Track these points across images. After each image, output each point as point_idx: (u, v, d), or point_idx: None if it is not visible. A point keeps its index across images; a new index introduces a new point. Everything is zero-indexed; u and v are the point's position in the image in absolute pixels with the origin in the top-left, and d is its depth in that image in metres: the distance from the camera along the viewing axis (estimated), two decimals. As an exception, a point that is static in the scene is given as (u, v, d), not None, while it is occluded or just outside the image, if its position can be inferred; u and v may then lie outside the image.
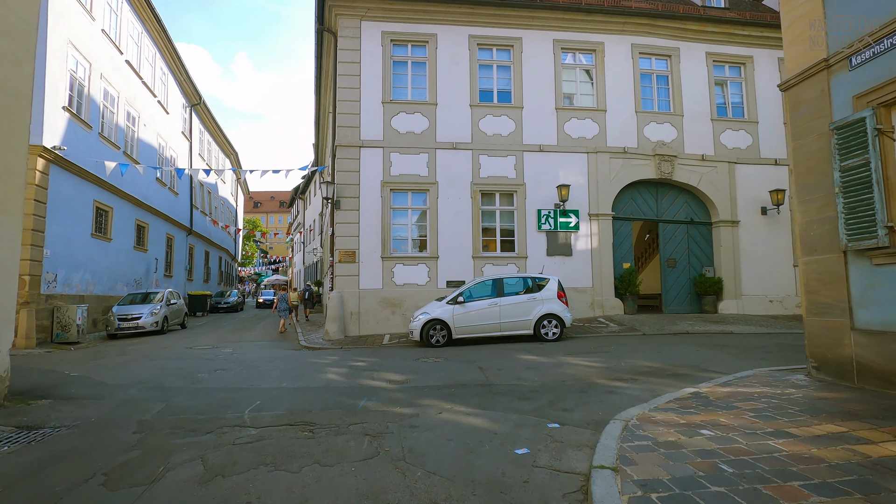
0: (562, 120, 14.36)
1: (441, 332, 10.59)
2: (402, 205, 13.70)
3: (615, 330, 11.92)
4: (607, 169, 14.30)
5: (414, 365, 8.10)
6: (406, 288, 13.25)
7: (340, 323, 12.69)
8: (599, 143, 14.39)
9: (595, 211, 14.14)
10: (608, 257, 14.06)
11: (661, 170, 14.42)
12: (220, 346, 12.03)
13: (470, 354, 9.16)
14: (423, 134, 13.76)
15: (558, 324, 10.73)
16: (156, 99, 20.78)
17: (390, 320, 13.09)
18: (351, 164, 13.44)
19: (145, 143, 19.49)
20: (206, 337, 14.29)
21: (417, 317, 10.78)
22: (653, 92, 15.04)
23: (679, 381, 6.18)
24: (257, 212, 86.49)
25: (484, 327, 10.68)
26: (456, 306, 10.65)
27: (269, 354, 10.36)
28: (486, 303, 10.73)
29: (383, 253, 13.24)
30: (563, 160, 14.21)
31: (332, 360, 9.06)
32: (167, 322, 15.51)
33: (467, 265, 13.56)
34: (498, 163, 13.96)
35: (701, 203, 15.10)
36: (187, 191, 25.48)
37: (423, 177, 13.63)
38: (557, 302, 10.85)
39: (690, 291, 14.68)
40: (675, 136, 14.79)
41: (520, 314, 10.72)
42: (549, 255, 13.88)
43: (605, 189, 14.22)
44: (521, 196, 13.93)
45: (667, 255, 14.73)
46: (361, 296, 13.05)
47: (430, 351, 9.87)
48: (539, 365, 7.68)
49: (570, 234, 14.05)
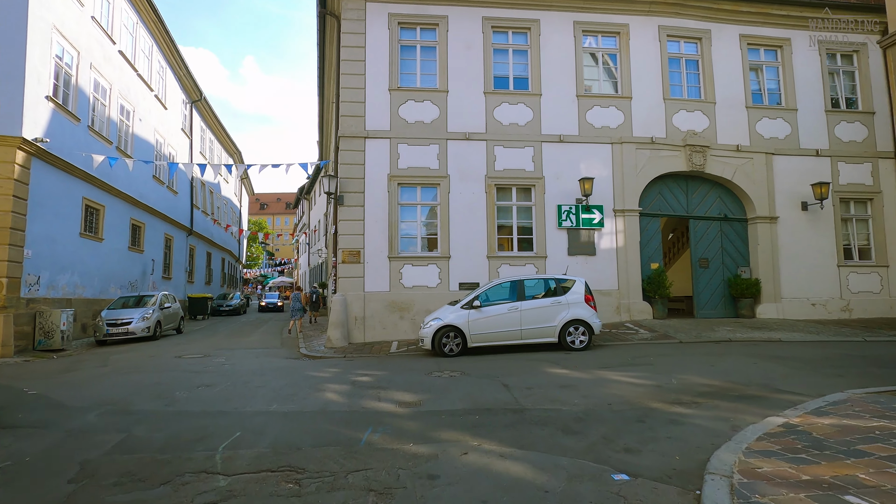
0: (583, 108, 13.22)
1: (455, 340, 9.49)
2: (411, 200, 12.62)
3: (647, 337, 10.76)
4: (633, 161, 13.13)
5: (426, 381, 7.00)
6: (415, 290, 12.17)
7: (344, 329, 11.62)
8: (624, 133, 13.23)
9: (620, 206, 12.98)
10: (635, 257, 12.89)
11: (692, 161, 13.24)
12: (213, 354, 11.00)
13: (490, 367, 8.05)
14: (433, 124, 12.68)
15: (586, 331, 9.59)
16: (153, 93, 19.87)
17: (398, 326, 12.01)
18: (355, 156, 12.39)
19: (141, 138, 18.56)
20: (201, 343, 13.28)
21: (428, 323, 9.69)
22: (682, 78, 13.86)
23: (754, 406, 5.04)
24: (263, 213, 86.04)
25: (503, 335, 9.56)
26: (471, 311, 9.54)
27: (263, 365, 9.31)
28: (506, 307, 9.62)
29: (390, 252, 12.17)
30: (585, 151, 13.07)
31: (333, 374, 7.98)
32: (160, 327, 14.53)
33: (482, 266, 12.45)
34: (514, 155, 12.84)
35: (735, 198, 13.89)
36: (187, 190, 24.57)
37: (433, 170, 12.55)
38: (585, 306, 9.71)
39: (725, 294, 13.47)
40: (707, 126, 13.59)
41: (543, 320, 9.60)
42: (571, 255, 12.74)
43: (630, 183, 13.06)
44: (540, 190, 12.81)
45: (698, 255, 13.53)
46: (367, 299, 11.98)
47: (444, 362, 8.77)
48: (574, 382, 6.56)
49: (594, 231, 12.90)
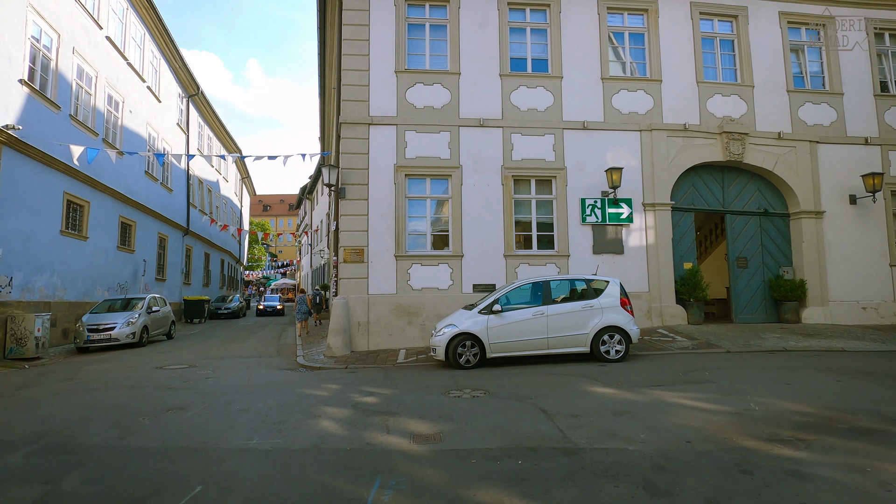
0: (609, 92, 12.01)
1: (472, 349, 8.28)
2: (420, 193, 11.45)
3: (687, 346, 9.52)
4: (664, 150, 11.91)
5: (445, 403, 5.80)
6: (425, 293, 10.98)
7: (345, 336, 10.44)
8: (654, 120, 12.01)
9: (650, 200, 11.75)
10: (667, 255, 11.65)
11: (729, 150, 12.00)
12: (200, 364, 9.84)
13: (517, 383, 6.84)
14: (443, 109, 11.51)
15: (622, 339, 8.36)
16: (145, 84, 18.79)
17: (406, 332, 10.82)
18: (358, 144, 11.22)
19: (132, 131, 17.48)
20: (189, 351, 12.12)
21: (442, 330, 8.49)
22: (716, 59, 12.63)
23: (886, 447, 3.82)
24: (266, 215, 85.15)
25: (527, 344, 8.35)
26: (491, 317, 8.33)
27: (253, 379, 8.13)
28: (530, 312, 8.40)
29: (397, 251, 10.99)
30: (612, 139, 11.86)
31: (332, 392, 6.80)
32: (147, 333, 13.39)
33: (498, 265, 11.25)
34: (533, 143, 11.65)
35: (775, 191, 12.63)
36: (183, 188, 23.49)
37: (444, 160, 11.37)
38: (621, 311, 8.49)
39: (766, 296, 12.20)
40: (745, 111, 12.36)
41: (573, 326, 8.38)
42: (596, 253, 11.52)
43: (661, 174, 11.84)
44: (562, 182, 11.60)
45: (736, 254, 12.28)
46: (371, 303, 10.80)
47: (461, 376, 7.57)
48: (628, 406, 5.34)
49: (621, 227, 11.68)
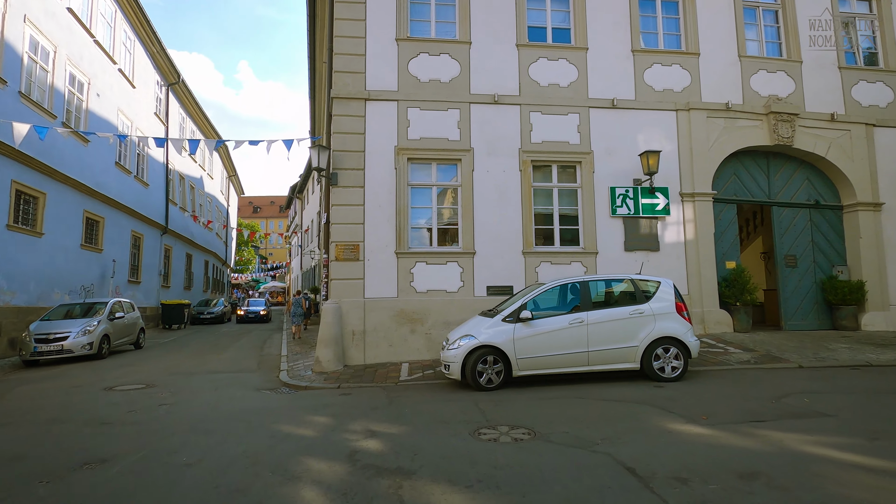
0: (640, 66, 10.50)
1: (495, 366, 6.67)
2: (425, 180, 9.85)
3: (746, 359, 7.97)
4: (704, 132, 10.41)
5: (480, 453, 4.17)
6: (431, 296, 9.36)
7: (337, 347, 8.78)
8: (692, 98, 10.51)
9: (689, 189, 10.24)
10: (709, 253, 10.13)
11: (777, 133, 10.52)
12: (161, 383, 8.13)
13: (566, 416, 5.24)
14: (452, 83, 9.93)
15: (680, 353, 6.79)
16: (116, 66, 17.04)
17: (408, 343, 9.19)
18: (353, 123, 9.60)
19: (99, 117, 15.71)
20: (155, 365, 10.39)
21: (456, 342, 6.87)
22: (759, 32, 11.18)
23: None
24: (257, 216, 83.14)
25: (563, 359, 6.74)
26: (518, 325, 6.72)
27: (221, 405, 6.46)
28: (566, 320, 6.80)
29: (398, 247, 9.37)
30: (644, 120, 10.34)
31: (320, 430, 5.15)
32: (109, 342, 11.62)
33: (515, 264, 9.67)
34: (555, 123, 10.10)
35: (826, 180, 11.17)
36: (161, 183, 21.69)
37: (452, 141, 9.79)
38: (678, 318, 6.92)
39: (818, 300, 10.71)
40: (793, 90, 10.90)
41: (619, 338, 6.79)
42: (628, 250, 9.97)
43: (701, 160, 10.33)
44: (588, 168, 10.05)
45: (784, 251, 10.78)
46: (368, 308, 9.16)
47: (485, 401, 5.95)
48: (750, 461, 3.74)
49: (656, 220, 10.15)
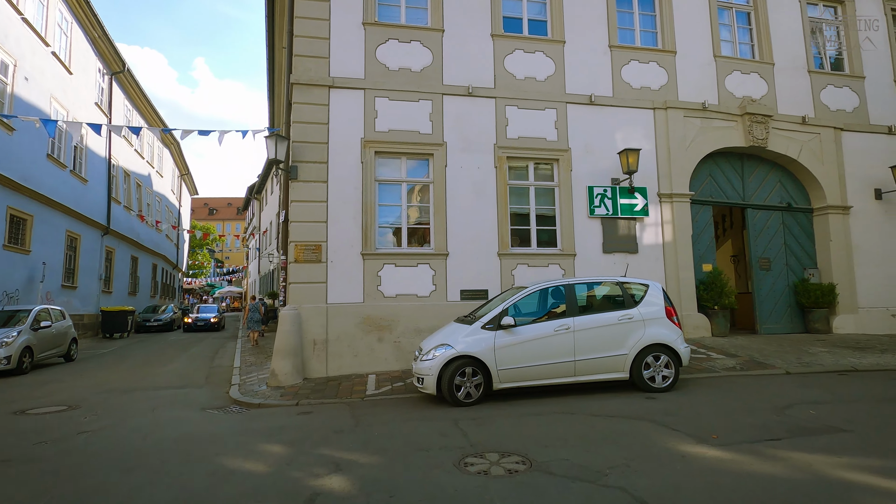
0: (618, 62, 10.17)
1: (474, 378, 6.01)
2: (394, 176, 9.12)
3: (731, 365, 7.65)
4: (681, 132, 10.17)
5: (468, 489, 3.48)
6: (400, 301, 8.62)
7: (296, 359, 7.90)
8: (669, 96, 10.26)
9: (667, 189, 9.95)
10: (687, 255, 9.86)
11: (752, 135, 10.41)
12: (88, 403, 7.02)
13: (560, 437, 4.63)
14: (423, 73, 9.27)
15: (671, 361, 6.34)
16: (49, 49, 15.43)
17: (375, 352, 8.41)
18: (315, 112, 8.77)
19: (26, 102, 14.10)
20: (86, 380, 9.15)
21: (430, 352, 6.17)
22: (732, 33, 11.09)
23: None
24: (213, 219, 79.56)
25: (548, 369, 6.16)
26: (499, 333, 6.09)
27: (155, 431, 5.50)
28: (552, 326, 6.23)
29: (365, 247, 8.59)
30: (622, 117, 10.00)
31: (274, 459, 4.33)
32: (31, 355, 10.23)
33: (490, 266, 9.07)
34: (532, 118, 9.60)
35: (797, 182, 11.17)
36: (103, 179, 19.92)
37: (424, 134, 9.11)
38: (667, 324, 6.47)
39: (791, 303, 10.64)
40: (766, 92, 10.85)
41: (608, 345, 6.27)
42: (607, 252, 9.56)
43: (679, 159, 10.07)
44: (566, 166, 9.60)
45: (758, 254, 10.67)
46: (331, 314, 8.32)
47: (466, 419, 5.27)
48: (793, 497, 3.23)
49: (635, 221, 9.80)
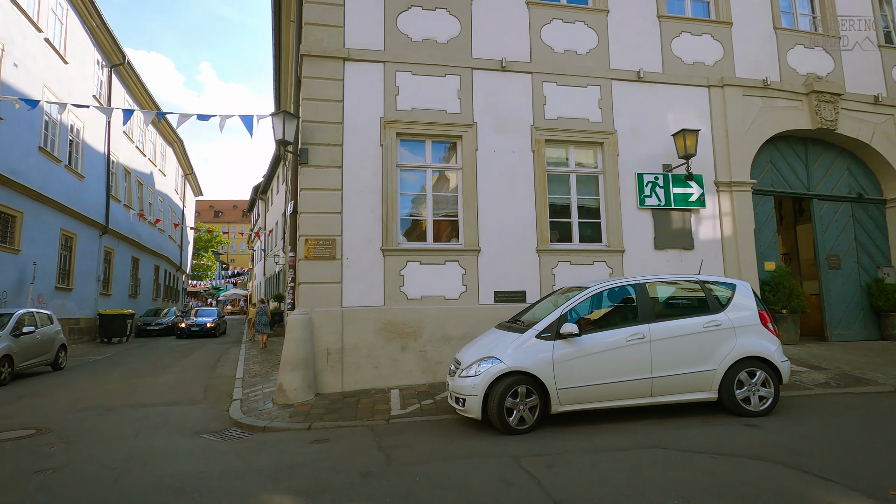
0: (668, 34, 9.01)
1: (528, 399, 4.85)
2: (418, 161, 7.99)
3: (824, 381, 6.44)
4: (740, 112, 8.98)
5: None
6: (426, 304, 7.48)
7: (307, 371, 6.77)
8: (726, 72, 9.09)
9: (725, 177, 8.77)
10: (749, 252, 8.66)
11: (820, 115, 9.21)
12: (60, 425, 5.92)
13: (675, 492, 3.46)
14: (450, 44, 8.15)
15: (769, 379, 5.15)
16: (41, 35, 14.47)
17: (399, 363, 7.26)
18: (328, 88, 7.65)
19: (16, 90, 13.10)
20: (69, 394, 8.07)
21: (472, 366, 5.02)
22: (792, 3, 9.91)
23: None
24: (218, 221, 79.06)
25: (619, 389, 4.98)
26: (558, 343, 4.93)
27: (132, 470, 4.37)
28: (623, 334, 5.06)
29: (385, 243, 7.46)
30: (674, 96, 8.83)
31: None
32: (11, 364, 9.16)
33: (528, 264, 7.91)
34: (573, 96, 8.45)
35: (867, 171, 9.95)
36: (101, 176, 18.94)
37: (451, 114, 7.98)
38: (763, 333, 5.28)
39: (863, 306, 9.41)
40: (832, 69, 9.65)
41: (691, 359, 5.09)
42: (659, 248, 8.39)
43: (738, 143, 8.89)
44: (611, 151, 8.44)
45: (826, 251, 9.46)
46: (346, 319, 7.19)
47: (527, 455, 4.11)
48: None
49: (690, 213, 8.61)
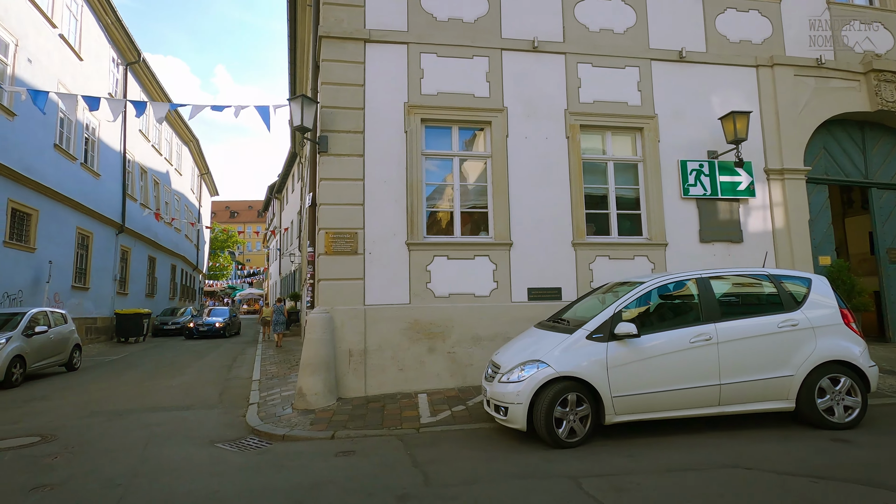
0: (711, 11, 8.34)
1: (579, 409, 4.29)
2: (444, 149, 7.46)
3: (901, 385, 5.76)
4: (792, 94, 8.27)
5: None
6: (454, 302, 6.94)
7: (328, 373, 6.28)
8: (775, 51, 8.38)
9: (776, 164, 8.08)
10: (804, 246, 7.96)
11: (880, 96, 8.46)
12: (67, 433, 5.53)
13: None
14: (478, 24, 7.59)
15: (855, 387, 4.50)
16: (56, 31, 14.26)
17: (426, 365, 6.74)
18: (348, 71, 7.16)
19: (28, 86, 12.91)
20: (79, 396, 7.70)
21: (515, 371, 4.46)
22: (845, -25, 9.17)
23: None
24: (234, 221, 79.62)
25: (683, 397, 4.39)
26: (612, 345, 4.36)
27: (138, 489, 3.92)
28: (686, 336, 4.46)
29: (411, 236, 6.94)
30: (718, 77, 8.16)
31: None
32: (23, 365, 8.86)
33: (563, 259, 7.33)
34: (610, 78, 7.83)
35: (929, 157, 9.16)
36: (117, 174, 18.79)
37: (479, 98, 7.43)
38: (847, 333, 4.64)
39: (928, 304, 8.65)
40: (893, 46, 8.88)
41: (765, 363, 4.47)
42: (705, 242, 7.74)
43: (790, 127, 8.18)
44: (652, 136, 7.80)
45: (886, 244, 8.70)
46: (370, 318, 6.69)
47: (585, 474, 3.56)
48: None
49: (738, 204, 7.94)
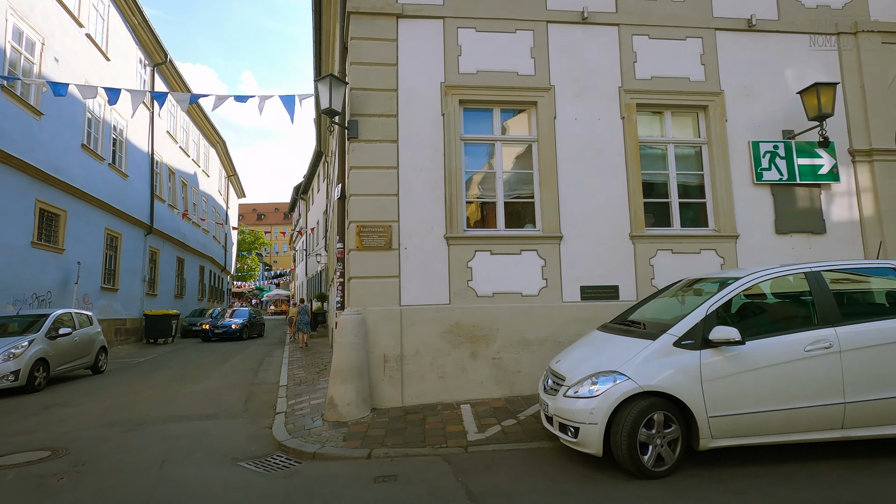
0: (783, -27, 7.42)
1: (667, 431, 3.52)
2: (484, 133, 6.76)
3: None
4: (879, 64, 7.27)
5: None
6: (498, 302, 6.23)
7: (361, 381, 5.65)
8: (859, 16, 7.39)
9: (863, 145, 7.10)
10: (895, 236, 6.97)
11: (983, 64, 7.38)
12: (79, 445, 5.05)
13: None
14: (520, -5, 6.88)
15: None
16: (83, 30, 14.16)
17: (468, 372, 6.05)
18: (379, 49, 6.53)
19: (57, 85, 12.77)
20: (99, 402, 7.29)
21: (586, 384, 3.73)
22: (936, -70, 8.07)
23: None
24: (261, 224, 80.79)
25: (798, 418, 3.57)
26: (705, 353, 3.58)
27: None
28: (801, 341, 3.64)
29: (450, 229, 6.27)
30: (793, 47, 7.23)
31: None
32: (47, 369, 8.55)
33: (619, 254, 6.54)
34: (669, 51, 7.00)
35: None
36: (145, 175, 18.75)
37: (524, 76, 6.70)
38: None
39: None
40: None
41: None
42: (781, 233, 6.83)
43: (878, 103, 7.19)
44: (718, 115, 6.93)
45: None
46: (406, 320, 6.04)
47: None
48: None
49: (820, 190, 7.00)
